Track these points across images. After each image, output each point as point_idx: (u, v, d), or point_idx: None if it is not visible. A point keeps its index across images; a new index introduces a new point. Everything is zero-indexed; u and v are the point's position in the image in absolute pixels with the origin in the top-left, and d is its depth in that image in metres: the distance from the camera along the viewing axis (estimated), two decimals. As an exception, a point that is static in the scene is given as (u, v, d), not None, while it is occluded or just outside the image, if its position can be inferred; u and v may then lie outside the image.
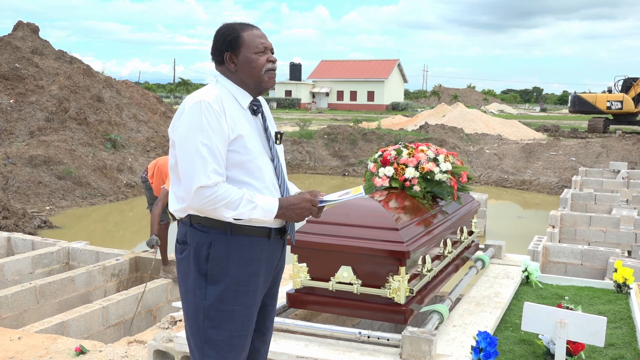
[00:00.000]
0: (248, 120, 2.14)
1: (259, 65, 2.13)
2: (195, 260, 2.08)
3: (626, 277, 3.88)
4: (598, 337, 2.56)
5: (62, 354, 3.71)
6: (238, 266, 2.07)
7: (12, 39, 19.64)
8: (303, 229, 3.07)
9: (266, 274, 2.17)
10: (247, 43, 2.12)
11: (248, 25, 2.17)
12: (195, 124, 2.02)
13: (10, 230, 9.55)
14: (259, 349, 2.29)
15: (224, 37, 2.14)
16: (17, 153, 14.15)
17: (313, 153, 20.82)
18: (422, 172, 3.51)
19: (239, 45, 2.12)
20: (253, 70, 2.13)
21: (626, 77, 30.66)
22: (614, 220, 8.82)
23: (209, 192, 1.98)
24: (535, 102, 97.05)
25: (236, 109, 2.11)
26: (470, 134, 24.83)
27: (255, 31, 2.16)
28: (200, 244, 2.07)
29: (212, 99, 2.05)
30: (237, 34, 2.13)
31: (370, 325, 4.03)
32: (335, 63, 67.02)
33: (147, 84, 76.44)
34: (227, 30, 2.15)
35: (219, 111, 2.03)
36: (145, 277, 6.27)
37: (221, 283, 2.06)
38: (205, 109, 2.02)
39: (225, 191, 2.00)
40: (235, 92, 2.14)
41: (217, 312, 2.07)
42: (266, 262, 2.15)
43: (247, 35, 2.13)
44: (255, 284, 2.12)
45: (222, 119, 2.03)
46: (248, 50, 2.12)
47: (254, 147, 2.10)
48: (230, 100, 2.11)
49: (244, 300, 2.10)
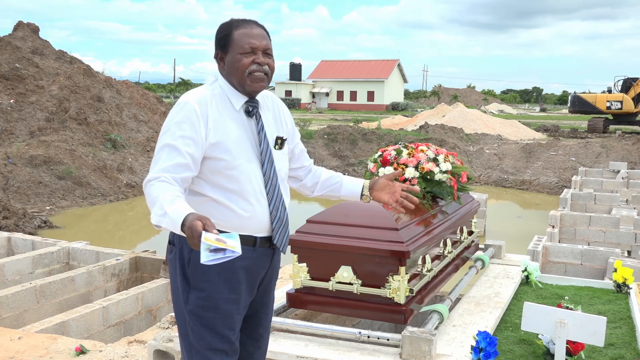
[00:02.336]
0: (238, 122, 2.05)
1: (242, 66, 2.02)
2: (180, 262, 2.04)
3: (626, 277, 3.88)
4: (598, 337, 2.56)
5: (62, 354, 3.72)
6: (218, 273, 1.98)
7: (12, 39, 19.65)
8: (303, 229, 3.08)
9: (250, 282, 2.09)
10: (235, 42, 2.03)
11: (245, 23, 2.07)
12: (167, 124, 1.99)
13: (10, 230, 9.55)
14: (252, 354, 2.24)
15: (218, 35, 2.08)
16: (17, 153, 14.15)
17: (313, 153, 20.82)
18: (422, 172, 3.51)
19: (228, 44, 2.04)
20: (236, 71, 2.03)
21: (626, 77, 30.63)
22: (614, 220, 8.83)
23: (148, 187, 1.89)
24: (535, 102, 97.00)
25: (225, 111, 2.04)
26: (470, 134, 24.84)
27: (248, 30, 2.05)
28: (184, 247, 2.02)
29: (196, 99, 1.99)
30: (228, 32, 2.05)
31: (370, 325, 4.03)
32: (335, 63, 67.01)
33: (147, 84, 76.42)
34: (222, 28, 2.08)
35: (199, 113, 1.96)
36: (146, 277, 6.28)
37: (202, 289, 2.01)
38: (182, 111, 1.97)
39: (156, 188, 1.86)
40: (230, 92, 2.07)
41: (197, 318, 2.02)
42: (249, 270, 2.06)
43: (237, 34, 2.03)
44: (238, 292, 2.05)
45: (200, 121, 1.96)
46: (235, 50, 2.03)
47: (239, 152, 2.01)
48: (221, 101, 2.04)
49: (225, 309, 2.02)
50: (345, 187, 2.33)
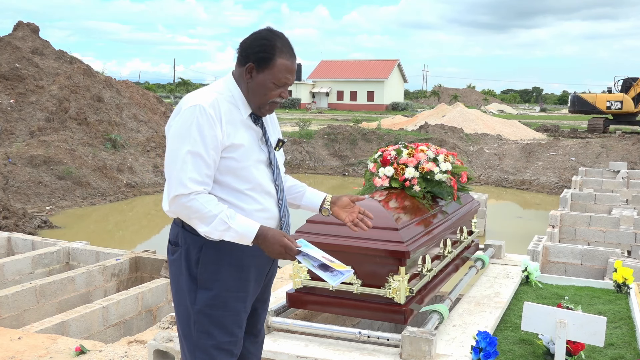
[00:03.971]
0: (247, 127, 2.08)
1: (270, 96, 2.06)
2: (186, 263, 2.05)
3: (626, 277, 3.88)
4: (598, 337, 2.56)
5: (62, 354, 3.72)
6: (229, 272, 2.04)
7: (12, 39, 19.64)
8: (303, 229, 3.08)
9: (257, 281, 2.14)
10: (274, 70, 2.03)
11: (288, 52, 2.06)
12: (185, 130, 1.96)
13: (10, 230, 9.55)
14: (251, 350, 2.28)
15: (258, 49, 2.04)
16: (17, 153, 14.15)
17: (313, 153, 20.82)
18: (422, 172, 3.51)
19: (267, 67, 2.03)
20: (262, 96, 2.06)
21: (626, 77, 30.63)
22: (614, 220, 8.83)
23: (184, 201, 1.93)
24: (535, 102, 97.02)
25: (235, 115, 2.05)
26: (470, 134, 24.84)
27: (290, 63, 2.06)
28: (191, 247, 2.04)
29: (209, 103, 1.98)
30: (271, 55, 2.03)
31: (370, 325, 4.03)
32: (335, 63, 67.02)
33: (147, 84, 76.38)
34: (266, 44, 2.03)
35: (214, 117, 1.97)
36: (146, 277, 6.27)
37: (211, 288, 2.03)
38: (199, 114, 1.95)
39: (201, 203, 1.93)
40: (239, 99, 2.08)
41: (206, 317, 2.04)
42: (257, 268, 2.12)
43: (279, 64, 2.03)
44: (246, 291, 2.09)
45: (217, 125, 1.97)
46: (270, 77, 2.04)
47: (250, 155, 2.05)
48: (230, 106, 2.05)
49: (233, 307, 2.06)
50: (307, 198, 2.34)
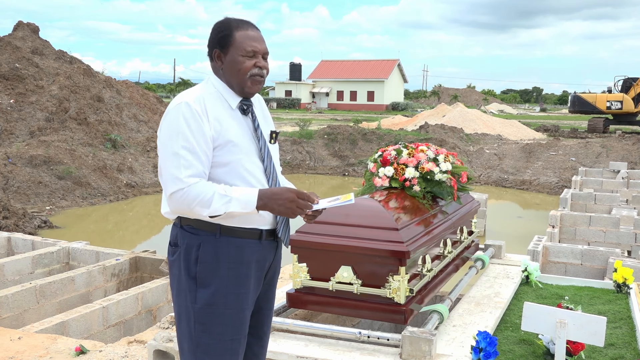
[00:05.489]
0: (237, 120, 2.08)
1: (244, 68, 2.04)
2: (185, 263, 2.04)
3: (626, 277, 3.88)
4: (598, 337, 2.56)
5: (62, 354, 3.72)
6: (228, 268, 2.02)
7: (12, 39, 19.65)
8: (303, 229, 3.08)
9: (258, 277, 2.12)
10: (237, 43, 2.04)
11: (245, 24, 2.08)
12: (173, 127, 1.97)
13: (10, 230, 9.55)
14: (256, 354, 2.26)
15: (216, 33, 2.07)
16: (17, 153, 14.15)
17: (313, 153, 20.82)
18: (422, 172, 3.51)
19: (229, 44, 2.04)
20: (237, 72, 2.05)
21: (626, 77, 30.62)
22: (614, 220, 8.83)
23: (181, 194, 1.93)
24: (535, 102, 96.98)
25: (223, 109, 2.05)
26: (470, 134, 24.85)
27: (250, 32, 2.06)
28: (189, 246, 2.03)
29: (193, 99, 1.99)
30: (229, 32, 2.05)
31: (370, 325, 4.03)
32: (335, 63, 66.98)
33: (147, 84, 76.37)
34: (221, 27, 2.08)
35: (199, 112, 1.97)
36: (146, 277, 6.27)
37: (211, 286, 2.02)
38: (185, 110, 1.97)
39: (196, 189, 1.93)
40: (224, 91, 2.08)
41: (207, 316, 2.03)
42: (257, 264, 2.10)
43: (239, 36, 2.04)
44: (247, 287, 2.07)
45: (203, 119, 1.97)
46: (237, 51, 2.04)
47: (241, 148, 2.04)
48: (216, 100, 2.05)
49: (235, 304, 2.05)
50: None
